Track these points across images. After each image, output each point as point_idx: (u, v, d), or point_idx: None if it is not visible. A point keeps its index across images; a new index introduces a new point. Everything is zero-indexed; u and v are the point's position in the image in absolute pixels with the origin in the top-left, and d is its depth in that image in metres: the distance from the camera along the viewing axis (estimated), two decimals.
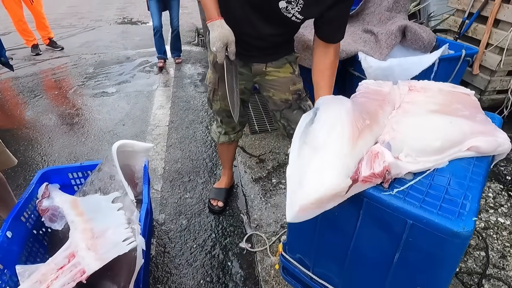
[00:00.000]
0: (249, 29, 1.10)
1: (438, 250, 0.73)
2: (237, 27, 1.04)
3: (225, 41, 1.00)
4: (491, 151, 0.88)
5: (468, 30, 2.20)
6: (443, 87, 1.15)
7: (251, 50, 1.18)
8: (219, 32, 0.99)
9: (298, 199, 0.75)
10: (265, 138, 2.29)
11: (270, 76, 1.27)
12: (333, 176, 0.74)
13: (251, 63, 1.23)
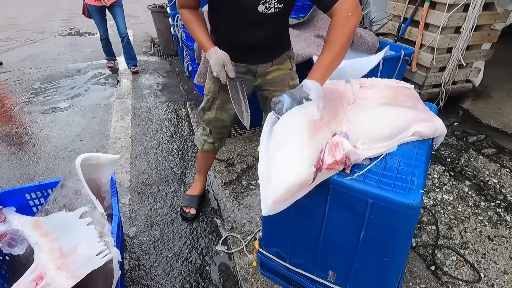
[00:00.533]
0: (248, 36, 1.17)
1: (395, 223, 0.83)
2: (237, 37, 1.17)
3: (221, 63, 1.12)
4: (430, 134, 1.02)
5: (404, 33, 2.48)
6: (388, 83, 1.30)
7: (255, 53, 1.24)
8: (215, 58, 1.12)
9: (271, 192, 0.81)
10: (232, 142, 2.32)
11: (271, 74, 1.31)
12: (297, 166, 0.81)
13: (256, 65, 1.27)
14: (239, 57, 1.23)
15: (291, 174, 0.80)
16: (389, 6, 2.61)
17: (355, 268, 0.99)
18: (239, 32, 1.16)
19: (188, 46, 2.82)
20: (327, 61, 0.99)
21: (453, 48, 2.25)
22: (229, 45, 1.18)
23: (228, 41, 1.19)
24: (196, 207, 1.69)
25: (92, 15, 3.47)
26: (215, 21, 1.22)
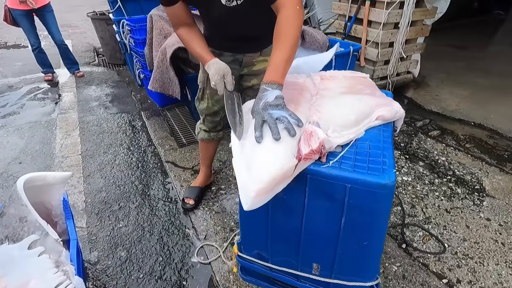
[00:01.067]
0: (228, 30, 1.20)
1: (374, 203, 0.85)
2: (219, 30, 1.21)
3: (221, 73, 1.08)
4: (392, 117, 1.07)
5: (351, 31, 2.64)
6: (346, 74, 1.36)
7: (241, 44, 1.25)
8: (215, 68, 1.09)
9: (252, 185, 0.77)
10: (195, 149, 2.24)
11: (258, 66, 1.31)
12: (279, 156, 0.78)
13: (243, 54, 1.27)
14: (225, 46, 1.26)
15: (274, 164, 0.77)
16: (334, 6, 2.76)
17: (339, 256, 0.99)
18: (219, 26, 1.19)
19: (137, 53, 2.66)
20: (284, 57, 0.94)
21: (394, 43, 2.44)
22: (216, 37, 1.24)
23: (215, 33, 1.24)
24: (195, 198, 1.68)
25: (18, 21, 3.11)
26: (204, 23, 1.28)
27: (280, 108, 0.85)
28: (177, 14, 1.13)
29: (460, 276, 1.30)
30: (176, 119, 2.64)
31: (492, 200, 1.67)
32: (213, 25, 1.22)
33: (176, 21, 1.17)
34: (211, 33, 1.26)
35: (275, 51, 0.95)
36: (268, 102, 0.85)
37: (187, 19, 1.16)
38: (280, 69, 0.92)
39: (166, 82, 2.04)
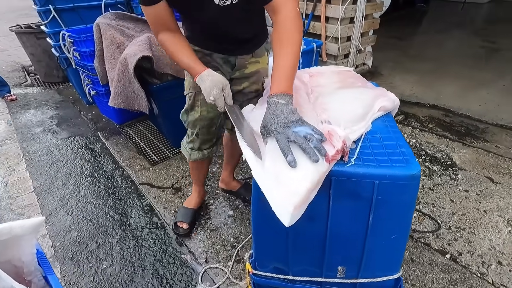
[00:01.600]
0: (220, 32, 1.08)
1: (402, 196, 0.83)
2: (211, 34, 1.09)
3: (220, 87, 0.97)
4: (392, 107, 1.08)
5: (309, 28, 2.69)
6: (331, 69, 1.34)
7: (234, 45, 1.14)
8: (211, 81, 0.96)
9: (290, 199, 0.70)
10: (170, 165, 2.06)
11: (250, 68, 1.21)
12: (312, 165, 0.72)
13: (236, 55, 1.16)
14: (217, 48, 1.14)
15: (308, 173, 0.71)
16: None
17: (366, 255, 0.96)
18: (211, 28, 1.07)
19: (85, 67, 2.37)
20: (291, 64, 0.86)
21: (352, 36, 2.55)
22: (206, 38, 1.12)
23: (204, 35, 1.12)
24: (189, 222, 1.51)
25: None
26: (187, 25, 1.15)
27: (301, 123, 0.77)
28: (160, 16, 0.98)
29: (459, 249, 1.38)
30: (140, 136, 2.41)
31: (465, 172, 1.82)
32: (203, 26, 1.09)
33: (157, 25, 1.01)
34: (198, 35, 1.13)
35: (280, 57, 0.87)
36: (289, 119, 0.77)
37: (171, 23, 1.01)
38: (289, 78, 0.85)
39: (130, 96, 1.83)
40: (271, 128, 0.78)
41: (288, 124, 0.76)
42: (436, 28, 5.04)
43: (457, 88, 2.87)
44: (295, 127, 0.76)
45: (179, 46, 1.02)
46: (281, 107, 0.79)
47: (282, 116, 0.77)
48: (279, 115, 0.78)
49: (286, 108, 0.79)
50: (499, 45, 4.00)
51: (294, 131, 0.75)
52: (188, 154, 1.36)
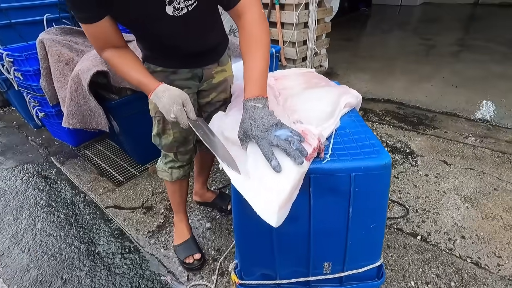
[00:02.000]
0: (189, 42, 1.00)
1: (377, 185, 0.87)
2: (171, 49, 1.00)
3: (179, 102, 0.88)
4: (356, 103, 1.14)
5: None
6: (294, 71, 1.38)
7: (197, 56, 1.07)
8: (168, 96, 0.87)
9: (275, 200, 0.69)
10: (137, 183, 1.95)
11: (217, 77, 1.16)
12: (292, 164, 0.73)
13: (203, 66, 1.10)
14: (181, 63, 1.06)
15: (291, 172, 0.71)
16: None
17: (349, 247, 0.98)
18: (170, 42, 0.98)
19: (30, 88, 2.16)
20: (263, 67, 0.85)
21: (307, 40, 2.66)
22: (166, 54, 1.03)
23: (163, 51, 1.03)
24: (198, 250, 1.38)
25: None
26: (144, 44, 1.06)
27: (280, 126, 0.77)
28: (103, 34, 0.88)
29: (428, 229, 1.48)
30: (101, 157, 2.25)
31: (422, 158, 1.97)
32: (160, 42, 0.98)
33: (101, 42, 0.91)
34: (158, 53, 1.05)
35: (250, 61, 0.86)
36: (269, 123, 0.76)
37: (117, 39, 0.92)
38: (262, 81, 0.85)
39: (87, 115, 1.70)
40: (252, 134, 0.76)
41: (268, 128, 0.75)
42: (380, 29, 5.47)
43: (405, 83, 3.13)
44: (275, 131, 0.75)
45: (127, 61, 0.93)
46: (259, 111, 0.78)
47: (261, 121, 0.76)
48: (258, 119, 0.76)
49: (264, 112, 0.78)
50: (434, 42, 4.45)
51: (276, 135, 0.74)
52: (168, 175, 1.25)
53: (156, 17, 0.87)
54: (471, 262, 1.31)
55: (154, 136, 1.18)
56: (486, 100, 2.66)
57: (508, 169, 1.83)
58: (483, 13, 6.21)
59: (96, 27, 0.85)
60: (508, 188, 1.68)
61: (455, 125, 2.33)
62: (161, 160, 1.27)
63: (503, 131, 2.22)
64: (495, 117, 2.41)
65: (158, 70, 1.05)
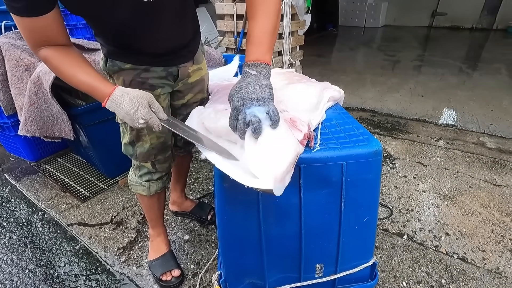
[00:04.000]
0: (161, 34, 0.86)
1: (368, 174, 0.84)
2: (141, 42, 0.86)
3: (144, 103, 0.74)
4: (339, 97, 1.13)
5: (242, 45, 2.76)
6: (275, 70, 1.36)
7: (173, 53, 0.94)
8: (130, 100, 0.73)
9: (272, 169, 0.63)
10: (106, 198, 1.78)
11: (193, 77, 1.05)
12: (292, 144, 0.68)
13: (178, 65, 0.98)
14: (153, 60, 0.92)
15: (288, 148, 0.67)
16: (219, 24, 2.83)
17: (342, 245, 0.92)
18: (140, 36, 0.84)
19: None
20: (269, 27, 0.73)
21: (283, 51, 2.70)
22: (137, 51, 0.89)
23: (131, 45, 0.87)
24: (177, 266, 1.25)
25: None
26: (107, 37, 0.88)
27: (262, 103, 0.66)
28: (46, 28, 0.71)
29: (413, 228, 1.46)
30: (64, 171, 2.05)
31: (400, 160, 2.01)
32: (128, 34, 0.83)
33: (40, 38, 0.73)
34: (124, 47, 0.88)
35: (254, 21, 0.74)
36: (250, 95, 0.66)
37: (62, 35, 0.75)
38: (265, 44, 0.72)
39: (48, 122, 1.54)
40: (233, 102, 0.68)
41: (245, 101, 0.66)
42: (348, 47, 5.77)
43: (376, 93, 3.26)
44: (250, 106, 0.66)
45: (73, 61, 0.77)
46: (249, 79, 0.69)
47: (246, 90, 0.67)
48: (245, 88, 0.67)
49: (254, 81, 0.68)
50: (398, 58, 4.75)
51: (247, 111, 0.66)
52: (145, 189, 1.10)
53: (123, 4, 0.73)
54: (458, 258, 1.30)
55: (126, 146, 1.03)
56: (450, 108, 2.83)
57: (479, 168, 1.90)
58: (436, 34, 6.82)
59: (39, 20, 0.69)
60: (482, 185, 1.74)
61: (426, 130, 2.43)
62: (133, 173, 1.11)
63: (469, 134, 2.35)
64: (460, 122, 2.55)
65: (126, 68, 0.91)
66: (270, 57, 0.74)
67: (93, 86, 0.76)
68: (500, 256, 1.30)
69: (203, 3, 4.33)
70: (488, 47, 5.43)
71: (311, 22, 6.69)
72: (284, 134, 0.68)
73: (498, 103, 2.88)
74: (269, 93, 0.68)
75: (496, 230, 1.43)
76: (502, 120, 2.54)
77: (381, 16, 7.72)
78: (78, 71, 0.77)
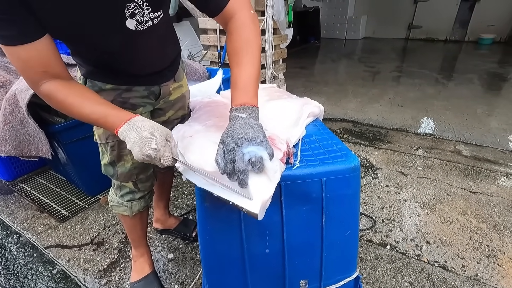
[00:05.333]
0: (147, 59, 0.88)
1: (347, 189, 0.85)
2: (137, 62, 0.86)
3: (163, 132, 0.72)
4: (319, 112, 1.15)
5: (225, 59, 2.79)
6: None
7: (155, 73, 0.94)
8: (150, 125, 0.71)
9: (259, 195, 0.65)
10: (86, 217, 1.72)
11: (175, 94, 1.05)
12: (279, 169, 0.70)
13: (160, 84, 0.98)
14: (136, 80, 0.92)
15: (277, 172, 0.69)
16: (203, 39, 2.86)
17: (325, 259, 0.93)
18: (126, 61, 0.84)
19: None
20: (254, 72, 0.76)
21: (266, 64, 2.75)
22: (117, 73, 0.88)
23: (115, 68, 0.87)
24: (161, 287, 1.22)
25: None
26: (87, 59, 0.87)
27: (258, 142, 0.66)
28: (42, 59, 0.68)
29: (395, 238, 1.49)
30: (42, 191, 1.97)
31: (381, 170, 2.05)
32: (114, 58, 0.83)
33: (38, 72, 0.69)
34: (106, 68, 0.87)
35: (239, 66, 0.76)
36: (245, 135, 0.66)
37: (58, 65, 0.72)
38: (251, 88, 0.74)
39: (24, 141, 1.49)
40: (227, 145, 0.66)
41: (241, 141, 0.65)
42: (330, 59, 5.93)
43: (357, 104, 3.35)
44: (247, 146, 0.65)
45: (81, 93, 0.74)
46: (240, 122, 0.69)
47: (238, 132, 0.67)
48: (237, 130, 0.67)
49: (245, 123, 0.69)
50: (378, 69, 4.92)
51: (244, 151, 0.65)
52: (127, 209, 1.07)
53: (112, 32, 0.73)
54: (439, 266, 1.33)
55: (106, 166, 1.00)
56: (428, 117, 2.94)
57: (456, 176, 1.97)
58: (413, 46, 7.13)
59: (30, 49, 0.65)
60: (459, 193, 1.80)
61: (405, 139, 2.50)
62: (114, 193, 1.08)
63: (446, 142, 2.44)
64: (438, 130, 2.65)
65: (107, 88, 0.90)
66: (257, 101, 0.76)
67: (110, 114, 0.73)
68: (478, 262, 1.34)
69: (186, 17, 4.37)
70: (461, 58, 5.72)
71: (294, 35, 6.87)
72: (273, 161, 0.69)
73: (472, 112, 3.02)
74: (262, 132, 0.69)
75: (474, 237, 1.48)
76: (476, 128, 2.66)
77: (361, 29, 8.01)
78: (88, 102, 0.73)
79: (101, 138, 0.96)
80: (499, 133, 2.56)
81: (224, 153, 0.66)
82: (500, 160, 2.15)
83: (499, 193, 1.79)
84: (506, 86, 3.87)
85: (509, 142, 2.40)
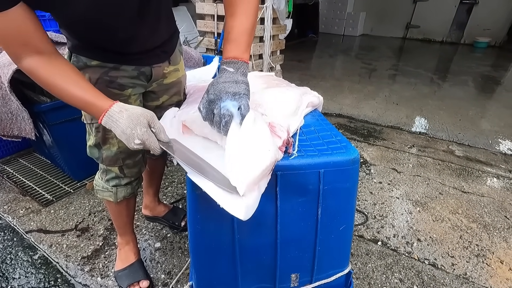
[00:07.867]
0: (137, 31, 0.79)
1: (345, 182, 0.82)
2: (125, 35, 0.78)
3: (143, 121, 0.67)
4: (318, 103, 1.11)
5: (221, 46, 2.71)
6: (255, 74, 1.33)
7: (148, 50, 0.88)
8: (128, 117, 0.67)
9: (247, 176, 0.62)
10: (71, 202, 1.66)
11: (169, 78, 1.00)
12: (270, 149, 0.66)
13: (151, 65, 0.91)
14: (123, 58, 0.85)
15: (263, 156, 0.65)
16: (199, 25, 2.77)
17: (318, 254, 0.90)
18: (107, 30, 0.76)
19: None
20: (247, 25, 0.73)
21: (263, 54, 2.69)
22: (108, 48, 0.81)
23: (106, 45, 0.80)
24: (146, 276, 1.18)
25: None
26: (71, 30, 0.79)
27: (238, 97, 0.66)
28: (20, 29, 0.62)
29: (387, 234, 1.48)
30: (25, 173, 1.90)
31: (375, 167, 2.04)
32: (98, 29, 0.75)
33: (17, 44, 0.63)
34: (92, 42, 0.80)
35: (233, 19, 0.73)
36: (226, 89, 0.67)
37: (40, 38, 0.66)
38: (243, 43, 0.72)
39: (6, 119, 1.41)
40: (208, 96, 0.69)
41: (221, 94, 0.67)
42: (328, 54, 5.89)
43: (353, 100, 3.33)
44: (225, 100, 0.66)
45: (63, 72, 0.69)
46: (226, 75, 0.70)
47: (222, 85, 0.68)
48: (221, 83, 0.68)
49: (231, 77, 0.69)
50: (374, 66, 4.91)
51: (222, 105, 0.66)
52: (112, 195, 1.02)
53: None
54: (429, 264, 1.33)
55: (91, 148, 0.95)
56: (422, 116, 2.94)
57: (448, 175, 1.98)
58: (410, 45, 7.14)
59: (5, 19, 0.59)
60: (451, 192, 1.81)
61: (400, 137, 2.50)
62: (100, 177, 1.03)
63: (440, 142, 2.45)
64: (431, 130, 2.65)
65: (92, 65, 0.83)
66: (248, 56, 0.74)
67: (88, 101, 0.69)
68: (468, 261, 1.35)
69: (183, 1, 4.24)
70: (456, 60, 5.76)
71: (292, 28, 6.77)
72: (266, 138, 0.65)
73: (465, 113, 3.04)
74: (245, 89, 0.69)
75: (464, 236, 1.49)
76: (469, 129, 2.68)
77: (359, 25, 7.97)
78: (70, 84, 0.69)
79: (87, 118, 0.91)
80: (491, 135, 2.58)
81: (206, 102, 0.69)
82: (492, 161, 2.17)
83: (490, 193, 1.80)
84: (499, 90, 3.91)
85: (501, 144, 2.42)
